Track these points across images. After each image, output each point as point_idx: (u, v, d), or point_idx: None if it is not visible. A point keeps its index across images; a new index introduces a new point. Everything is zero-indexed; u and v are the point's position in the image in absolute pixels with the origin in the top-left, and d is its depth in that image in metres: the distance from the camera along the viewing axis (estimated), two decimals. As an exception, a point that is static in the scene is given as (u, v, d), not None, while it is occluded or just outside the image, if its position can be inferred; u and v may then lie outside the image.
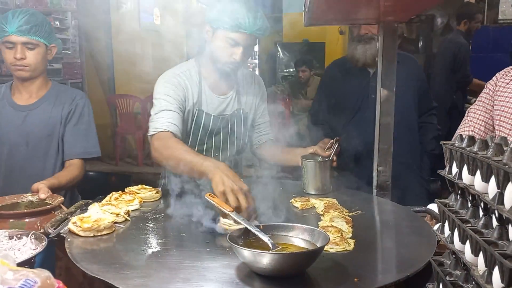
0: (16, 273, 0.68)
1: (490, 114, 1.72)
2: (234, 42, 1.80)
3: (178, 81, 1.90)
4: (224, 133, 1.99)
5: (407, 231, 1.41)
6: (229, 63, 1.85)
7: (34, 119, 2.00)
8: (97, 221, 1.33)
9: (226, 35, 1.80)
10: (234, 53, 1.82)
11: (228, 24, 1.78)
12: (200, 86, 1.95)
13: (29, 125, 1.99)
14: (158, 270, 1.12)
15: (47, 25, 1.97)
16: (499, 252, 0.64)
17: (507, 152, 0.67)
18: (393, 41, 1.79)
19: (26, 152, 1.99)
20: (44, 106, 2.03)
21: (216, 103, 1.98)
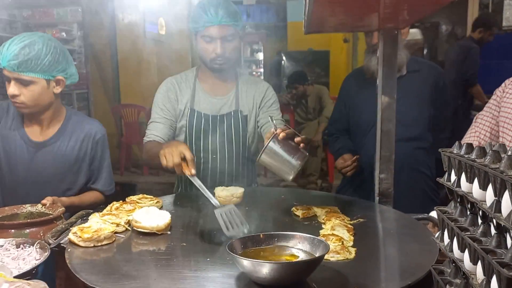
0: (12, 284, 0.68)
1: (497, 120, 1.71)
2: (209, 38, 1.93)
3: (168, 87, 2.06)
4: (221, 134, 2.01)
5: (409, 239, 1.39)
6: (214, 59, 1.96)
7: (46, 157, 1.88)
8: (97, 231, 1.33)
9: (201, 35, 1.94)
10: (214, 48, 1.94)
11: (197, 24, 1.93)
12: (194, 88, 2.06)
13: (40, 163, 1.88)
14: (158, 280, 1.12)
15: (48, 56, 1.75)
16: (496, 260, 0.63)
17: (504, 160, 0.67)
18: (394, 48, 1.79)
19: (33, 188, 1.87)
20: (59, 144, 1.90)
21: (211, 104, 2.04)
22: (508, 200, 0.63)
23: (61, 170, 1.91)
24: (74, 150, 1.93)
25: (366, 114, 2.30)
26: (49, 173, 1.89)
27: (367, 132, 2.30)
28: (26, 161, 1.88)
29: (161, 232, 1.42)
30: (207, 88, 2.07)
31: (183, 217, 1.63)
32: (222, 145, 2.02)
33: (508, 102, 1.65)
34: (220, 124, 2.02)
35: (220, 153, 2.03)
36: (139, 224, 1.41)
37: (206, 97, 2.05)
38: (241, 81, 2.10)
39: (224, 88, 2.08)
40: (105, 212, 1.53)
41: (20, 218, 1.57)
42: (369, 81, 2.30)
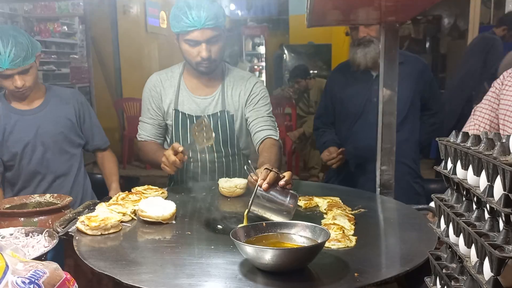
0: (26, 264, 0.72)
1: (496, 112, 1.73)
2: (193, 42, 1.86)
3: (153, 84, 2.07)
4: None
5: (409, 228, 1.43)
6: (200, 62, 1.90)
7: (42, 120, 2.09)
8: (104, 220, 1.37)
9: (183, 38, 1.88)
10: (199, 52, 1.88)
11: (178, 28, 1.85)
12: (178, 87, 2.03)
13: (39, 126, 2.09)
14: (164, 266, 1.16)
15: (30, 43, 1.96)
16: (489, 242, 0.66)
17: (497, 146, 0.70)
18: (395, 41, 1.81)
19: (43, 151, 2.10)
20: (50, 108, 2.12)
21: (195, 104, 2.01)
22: (499, 184, 0.66)
23: (60, 129, 2.12)
24: (68, 111, 2.15)
25: (351, 106, 2.36)
26: (51, 134, 2.11)
27: (352, 124, 2.35)
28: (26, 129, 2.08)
29: (166, 222, 1.46)
30: (192, 87, 2.03)
31: (187, 207, 1.66)
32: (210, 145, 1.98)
33: (507, 95, 1.67)
34: None
35: (209, 153, 2.02)
36: (145, 214, 1.45)
37: (190, 96, 2.01)
38: (227, 79, 2.05)
39: (209, 87, 2.03)
40: (112, 202, 1.57)
41: (28, 207, 1.61)
42: (354, 75, 2.35)
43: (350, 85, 2.38)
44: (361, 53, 2.25)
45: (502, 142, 0.70)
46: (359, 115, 2.34)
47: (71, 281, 0.79)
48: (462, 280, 0.81)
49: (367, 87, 2.32)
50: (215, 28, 1.84)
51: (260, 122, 2.00)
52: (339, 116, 2.43)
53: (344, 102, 2.39)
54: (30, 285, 0.67)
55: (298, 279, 1.06)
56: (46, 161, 2.11)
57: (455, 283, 0.81)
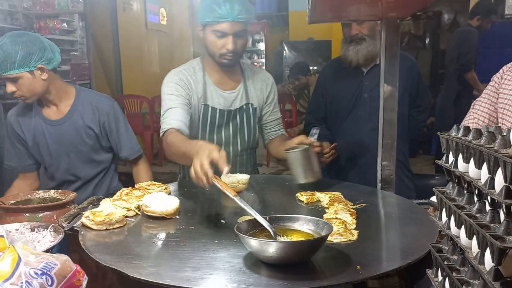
0: (37, 256, 0.73)
1: (495, 106, 1.75)
2: (221, 33, 1.88)
3: (181, 78, 1.99)
4: (233, 127, 2.04)
5: (410, 222, 1.44)
6: (224, 54, 1.92)
7: (67, 131, 2.09)
8: (109, 215, 1.38)
9: (212, 29, 1.89)
10: (225, 44, 1.89)
11: (209, 18, 1.87)
12: (204, 82, 2.01)
13: (64, 137, 2.09)
14: (169, 260, 1.17)
15: (19, 53, 1.88)
16: (490, 233, 0.68)
17: (498, 140, 0.71)
18: (396, 37, 1.82)
19: (68, 160, 2.12)
20: (75, 118, 2.09)
21: (222, 98, 2.03)
22: (501, 177, 0.67)
23: (84, 140, 2.10)
24: (92, 122, 2.11)
25: (342, 102, 2.38)
26: (75, 144, 2.10)
27: (343, 119, 2.36)
28: (53, 139, 2.09)
29: (170, 217, 1.47)
30: (216, 81, 2.04)
31: (190, 203, 1.68)
32: (235, 138, 2.06)
33: (507, 89, 1.68)
34: (233, 119, 2.04)
35: (233, 146, 2.06)
36: (149, 209, 1.46)
37: (217, 91, 2.03)
38: (247, 74, 2.11)
39: (233, 82, 2.07)
40: (116, 198, 1.58)
41: (33, 203, 1.63)
42: (345, 71, 2.36)
43: (341, 81, 2.39)
44: (353, 50, 2.26)
45: (503, 135, 0.71)
46: (349, 111, 2.36)
47: (81, 273, 0.81)
48: (463, 271, 0.83)
49: (358, 82, 2.33)
50: (244, 23, 1.89)
51: (279, 124, 2.20)
52: (330, 111, 2.45)
53: (335, 98, 2.41)
54: (42, 276, 0.68)
55: (302, 271, 1.08)
56: (73, 169, 2.13)
57: (456, 274, 0.83)
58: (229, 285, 1.02)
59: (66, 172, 2.13)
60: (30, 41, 1.94)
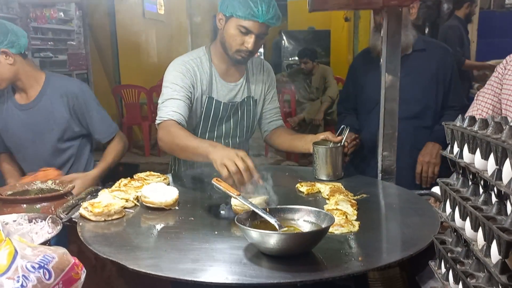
0: (34, 249, 0.72)
1: (498, 97, 1.73)
2: (246, 30, 1.83)
3: (187, 68, 1.93)
4: (234, 120, 2.04)
5: (411, 212, 1.43)
6: (241, 51, 1.88)
7: (35, 116, 2.08)
8: (107, 206, 1.37)
9: (238, 23, 1.83)
10: (246, 41, 1.85)
11: (241, 12, 1.81)
12: (210, 74, 1.98)
13: (31, 122, 2.08)
14: (168, 252, 1.16)
15: None
16: (497, 226, 0.66)
17: (506, 130, 0.69)
18: (398, 25, 1.80)
19: (33, 148, 2.11)
20: (43, 103, 2.08)
21: (226, 90, 2.01)
22: (509, 168, 0.66)
23: (52, 126, 2.09)
24: (58, 107, 2.08)
25: (370, 92, 2.33)
26: (42, 131, 2.08)
27: (370, 110, 2.32)
28: (21, 124, 2.09)
29: (169, 207, 1.46)
30: (222, 72, 2.02)
31: (190, 193, 1.66)
32: (235, 130, 2.06)
33: (510, 79, 1.67)
34: (235, 112, 2.03)
35: (232, 138, 2.06)
36: (148, 200, 1.45)
37: (222, 83, 2.01)
38: (249, 65, 2.08)
39: (237, 73, 2.05)
40: (114, 189, 1.57)
41: (30, 194, 1.61)
42: (375, 61, 2.31)
43: (370, 71, 2.35)
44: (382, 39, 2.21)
45: (510, 126, 0.70)
46: (377, 101, 2.31)
47: (79, 266, 0.80)
48: (467, 264, 0.82)
49: None
50: (269, 27, 1.87)
51: (277, 114, 2.17)
52: (359, 101, 2.42)
53: (363, 88, 2.38)
54: (40, 269, 0.67)
55: (303, 263, 1.07)
56: (40, 156, 2.11)
57: (460, 266, 0.82)
58: (229, 276, 1.01)
59: (33, 159, 2.11)
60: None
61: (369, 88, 2.32)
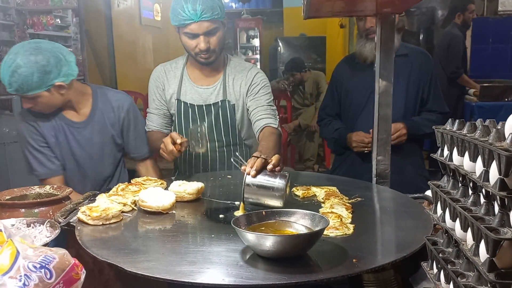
0: (35, 250, 0.73)
1: None
2: (191, 34, 1.92)
3: (157, 76, 2.11)
4: (209, 123, 2.05)
5: (405, 216, 1.45)
6: (198, 53, 1.96)
7: (92, 133, 2.04)
8: (105, 210, 1.38)
9: (182, 31, 1.94)
10: (197, 44, 1.93)
11: (176, 22, 1.92)
12: (181, 78, 2.08)
13: (87, 139, 2.03)
14: (166, 255, 1.18)
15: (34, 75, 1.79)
16: (485, 225, 0.69)
17: (492, 133, 0.72)
18: (391, 32, 1.83)
19: (92, 163, 2.07)
20: (97, 118, 2.04)
21: (197, 93, 2.06)
22: (495, 169, 0.68)
23: (106, 140, 2.08)
24: (110, 120, 2.07)
25: (357, 97, 2.37)
26: (98, 146, 2.06)
27: (357, 115, 2.36)
28: (76, 141, 2.03)
29: (166, 211, 1.48)
30: (195, 77, 2.08)
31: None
32: (211, 134, 2.05)
33: None
34: (208, 114, 2.04)
35: (210, 142, 2.04)
36: (145, 204, 1.47)
37: (193, 87, 2.06)
38: (228, 69, 2.08)
39: (211, 77, 2.08)
40: (112, 193, 1.58)
41: (29, 198, 1.62)
42: (360, 66, 2.36)
43: (355, 77, 2.38)
44: (369, 46, 2.24)
45: (497, 129, 0.72)
46: (363, 106, 2.35)
47: (79, 267, 0.81)
48: (458, 264, 0.84)
49: (372, 78, 2.33)
50: (212, 20, 1.89)
51: (260, 111, 2.01)
52: (344, 107, 2.45)
53: (348, 94, 2.41)
54: (41, 269, 0.69)
55: (298, 265, 1.08)
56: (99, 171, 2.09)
57: (451, 266, 0.84)
58: (226, 279, 1.02)
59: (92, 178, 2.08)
60: (45, 59, 1.82)
61: (355, 94, 2.37)
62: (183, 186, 1.63)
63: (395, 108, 2.22)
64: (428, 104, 2.37)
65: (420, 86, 2.33)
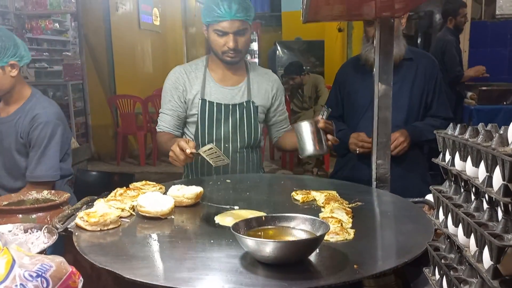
0: (32, 258, 0.72)
1: None
2: (222, 32, 1.95)
3: (177, 77, 2.09)
4: (233, 123, 2.06)
5: (406, 220, 1.44)
6: (226, 52, 1.99)
7: (3, 132, 2.08)
8: (103, 216, 1.37)
9: (213, 28, 1.97)
10: (226, 42, 1.96)
11: (210, 18, 1.95)
12: (204, 78, 2.08)
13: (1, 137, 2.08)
14: (164, 261, 1.16)
15: None
16: (488, 232, 0.68)
17: (495, 138, 0.71)
18: (390, 36, 1.83)
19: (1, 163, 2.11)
20: (14, 121, 2.07)
21: (222, 93, 2.08)
22: (499, 175, 0.67)
23: (14, 147, 2.07)
24: (23, 130, 2.04)
25: (360, 100, 2.36)
26: (8, 148, 2.07)
27: (360, 117, 2.35)
28: None
29: (165, 217, 1.46)
30: (218, 78, 2.10)
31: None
32: (234, 134, 2.08)
33: None
34: (233, 114, 2.06)
35: (232, 142, 2.08)
36: (144, 209, 1.45)
37: (217, 87, 2.08)
38: (252, 73, 2.15)
39: (235, 78, 2.11)
40: (110, 198, 1.57)
41: (26, 204, 1.60)
42: (364, 69, 2.35)
43: (358, 80, 2.38)
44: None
45: (500, 134, 0.71)
46: (366, 109, 2.34)
47: (77, 275, 0.80)
48: (461, 270, 0.83)
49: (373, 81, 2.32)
50: (244, 21, 1.95)
51: (285, 123, 2.27)
52: (347, 109, 2.44)
53: (352, 96, 2.40)
54: (38, 278, 0.67)
55: (299, 271, 1.07)
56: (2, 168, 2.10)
57: (454, 272, 0.83)
58: (225, 285, 1.01)
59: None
60: (5, 36, 1.93)
61: (359, 95, 2.36)
62: (182, 191, 1.61)
63: (399, 112, 2.24)
64: (432, 109, 2.36)
65: (424, 91, 2.32)
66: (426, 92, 2.33)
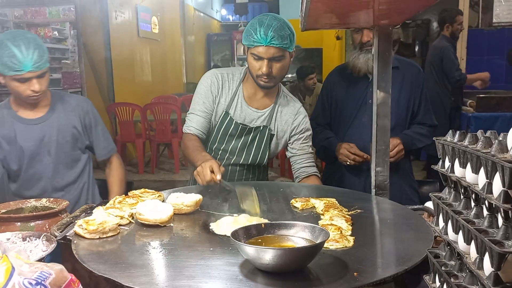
0: (31, 266, 0.72)
1: None
2: (258, 56, 1.97)
3: (213, 81, 2.12)
4: (244, 141, 2.11)
5: (405, 228, 1.44)
6: (259, 76, 2.01)
7: (48, 129, 2.08)
8: (102, 224, 1.36)
9: (250, 52, 2.00)
10: (260, 67, 1.98)
11: (247, 41, 1.99)
12: (235, 92, 2.12)
13: (44, 135, 2.07)
14: (163, 269, 1.16)
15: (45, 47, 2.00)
16: (489, 238, 0.68)
17: (495, 144, 0.71)
18: (388, 44, 1.84)
19: (49, 161, 2.09)
20: (56, 116, 2.11)
21: (245, 113, 2.11)
22: (499, 181, 0.67)
23: (68, 138, 2.11)
24: (74, 119, 2.13)
25: (348, 108, 2.38)
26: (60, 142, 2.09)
27: (348, 125, 2.36)
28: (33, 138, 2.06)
29: (164, 224, 1.46)
30: (248, 96, 2.13)
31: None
32: (241, 151, 2.12)
33: None
34: (247, 134, 2.10)
35: (237, 157, 2.13)
36: (143, 217, 1.45)
37: (244, 105, 2.12)
38: (280, 100, 2.16)
39: (263, 101, 2.14)
40: (109, 206, 1.56)
41: (25, 212, 1.60)
42: (351, 77, 2.37)
43: (346, 87, 2.39)
44: (363, 58, 2.25)
45: (499, 140, 0.72)
46: (354, 117, 2.35)
47: (76, 283, 0.80)
48: (461, 277, 0.83)
49: (364, 88, 2.33)
50: (280, 48, 1.96)
51: (308, 158, 2.18)
52: (335, 117, 2.45)
53: (340, 104, 2.41)
54: (37, 286, 0.67)
55: (298, 279, 1.07)
56: (53, 170, 2.09)
57: (454, 279, 0.83)
58: (225, 293, 1.01)
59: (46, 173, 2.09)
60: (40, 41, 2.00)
61: (347, 104, 2.37)
62: (181, 198, 1.61)
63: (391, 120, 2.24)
64: (418, 116, 2.39)
65: (411, 98, 2.35)
66: (412, 100, 2.35)
